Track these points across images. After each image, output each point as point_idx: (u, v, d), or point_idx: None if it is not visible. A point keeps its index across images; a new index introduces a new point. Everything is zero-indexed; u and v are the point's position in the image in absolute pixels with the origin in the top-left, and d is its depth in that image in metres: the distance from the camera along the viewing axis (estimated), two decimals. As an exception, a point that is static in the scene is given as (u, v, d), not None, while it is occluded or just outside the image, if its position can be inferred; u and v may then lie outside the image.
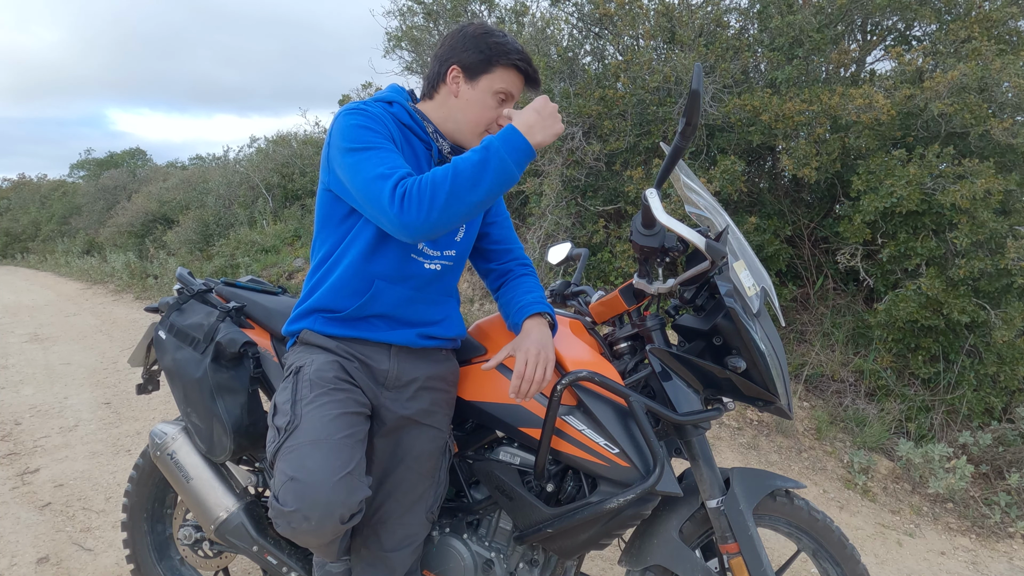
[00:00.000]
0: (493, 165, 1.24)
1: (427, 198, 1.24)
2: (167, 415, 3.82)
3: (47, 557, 2.40)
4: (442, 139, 1.48)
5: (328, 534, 1.28)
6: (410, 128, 1.45)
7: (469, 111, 1.45)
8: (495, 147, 1.25)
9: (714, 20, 4.80)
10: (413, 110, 1.47)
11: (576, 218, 4.98)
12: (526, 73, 1.45)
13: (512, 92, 1.45)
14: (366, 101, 1.44)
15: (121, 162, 25.09)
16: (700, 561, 1.50)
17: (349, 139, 1.34)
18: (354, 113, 1.37)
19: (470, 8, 6.14)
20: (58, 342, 5.97)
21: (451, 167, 1.25)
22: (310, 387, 1.38)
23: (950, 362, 4.15)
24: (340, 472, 1.27)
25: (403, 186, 1.26)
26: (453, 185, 1.24)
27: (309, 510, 1.24)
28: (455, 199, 1.24)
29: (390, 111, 1.44)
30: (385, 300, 1.44)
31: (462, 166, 1.25)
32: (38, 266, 17.03)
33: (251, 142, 14.18)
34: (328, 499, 1.25)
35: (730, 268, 1.39)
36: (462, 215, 1.27)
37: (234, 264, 8.67)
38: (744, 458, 3.53)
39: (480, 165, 1.24)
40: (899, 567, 2.76)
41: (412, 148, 1.44)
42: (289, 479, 1.27)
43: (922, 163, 3.80)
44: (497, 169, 1.24)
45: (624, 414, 1.42)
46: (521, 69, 1.44)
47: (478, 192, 1.25)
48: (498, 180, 1.25)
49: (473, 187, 1.24)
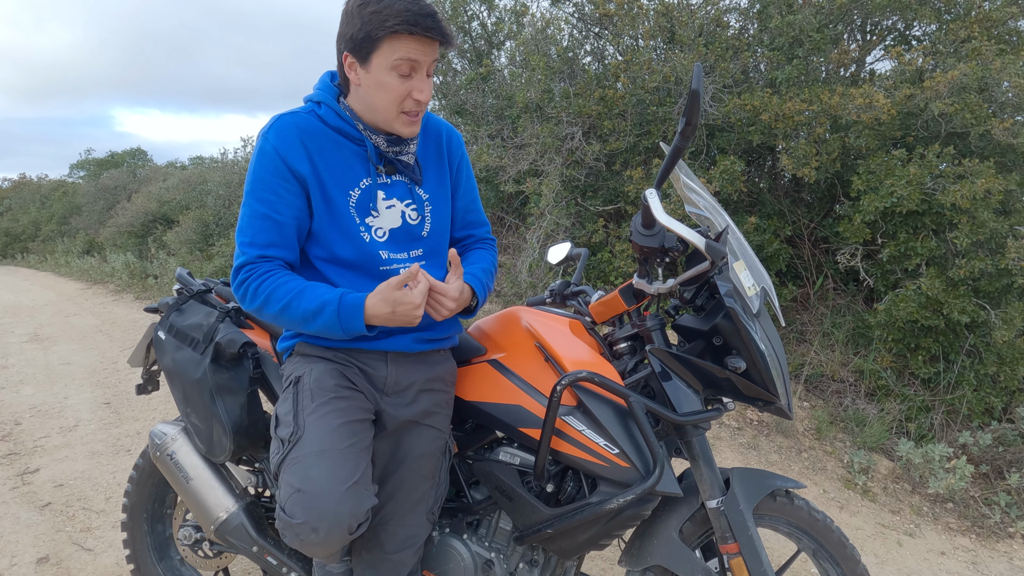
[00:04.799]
0: (324, 320, 1.31)
1: (259, 302, 1.33)
2: (167, 415, 3.81)
3: (47, 557, 2.39)
4: (374, 134, 1.37)
5: (336, 545, 1.27)
6: (339, 130, 1.37)
7: (375, 97, 1.31)
8: (332, 309, 1.30)
9: (714, 20, 4.80)
10: (342, 108, 1.37)
11: (576, 218, 4.98)
12: (416, 32, 1.24)
13: (412, 58, 1.27)
14: (290, 114, 1.36)
15: (121, 162, 25.10)
16: (700, 561, 1.50)
17: (249, 178, 1.36)
18: (259, 151, 1.34)
19: (470, 8, 6.15)
20: (58, 342, 5.97)
21: (293, 295, 1.31)
22: (311, 396, 1.37)
23: (950, 362, 4.15)
24: (347, 482, 1.26)
25: (246, 273, 1.34)
26: (283, 310, 1.32)
27: (317, 522, 1.23)
28: (282, 319, 1.34)
29: (318, 115, 1.37)
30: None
31: (299, 302, 1.31)
32: (38, 266, 17.03)
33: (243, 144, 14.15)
34: (336, 510, 1.24)
35: (730, 268, 1.38)
36: (284, 326, 1.41)
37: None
38: (744, 458, 3.53)
39: (313, 314, 1.31)
40: (899, 567, 2.76)
41: (345, 157, 1.37)
42: (296, 491, 1.26)
43: (922, 163, 3.80)
44: (326, 324, 1.31)
45: (624, 414, 1.42)
46: (407, 31, 1.24)
47: (304, 327, 1.35)
48: (324, 330, 1.33)
49: (300, 323, 1.33)
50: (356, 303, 1.29)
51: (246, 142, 13.51)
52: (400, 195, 1.43)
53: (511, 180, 5.07)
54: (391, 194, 1.42)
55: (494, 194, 5.71)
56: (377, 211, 1.40)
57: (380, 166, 1.40)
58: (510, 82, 5.57)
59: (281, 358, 1.61)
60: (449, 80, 6.11)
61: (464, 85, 5.73)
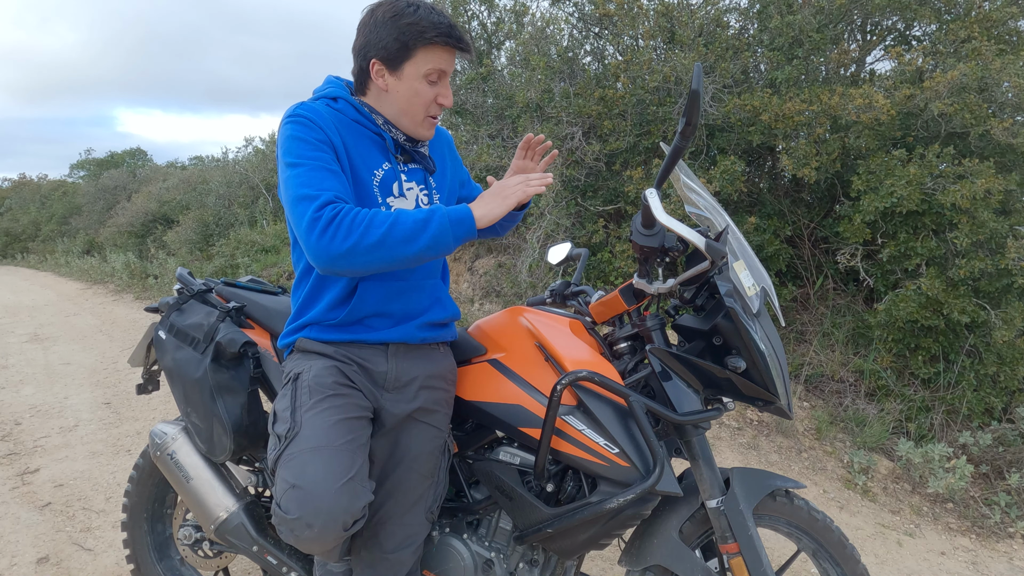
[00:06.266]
0: (433, 231, 1.24)
1: (357, 233, 1.22)
2: (167, 415, 3.82)
3: (47, 557, 2.40)
4: (394, 128, 1.44)
5: (331, 541, 1.28)
6: (360, 123, 1.41)
7: (403, 102, 1.39)
8: (440, 216, 1.25)
9: (714, 20, 4.80)
10: (359, 103, 1.42)
11: (576, 218, 4.98)
12: (451, 44, 1.36)
13: (442, 68, 1.39)
14: (310, 102, 1.40)
15: (121, 162, 25.11)
16: (700, 561, 1.50)
17: (285, 150, 1.32)
18: (294, 121, 1.34)
19: (470, 8, 6.15)
20: (58, 342, 5.97)
21: (394, 216, 1.24)
22: (309, 393, 1.37)
23: (950, 362, 4.15)
24: (342, 478, 1.27)
25: (333, 210, 1.23)
26: (388, 232, 1.22)
27: (312, 517, 1.24)
28: (383, 247, 1.23)
29: (335, 108, 1.40)
30: (372, 299, 1.44)
31: (403, 218, 1.24)
32: (38, 266, 17.03)
33: (246, 143, 14.17)
34: (331, 506, 1.24)
35: (730, 268, 1.38)
36: (381, 264, 1.25)
37: (234, 264, 8.68)
38: (744, 458, 3.53)
39: (422, 224, 1.24)
40: (899, 567, 2.76)
41: (365, 143, 1.41)
42: (291, 487, 1.27)
43: (922, 163, 3.80)
44: (435, 236, 1.24)
45: (624, 414, 1.42)
46: (443, 43, 1.35)
47: (409, 248, 1.24)
48: (433, 246, 1.25)
49: (406, 242, 1.23)
50: (463, 211, 1.28)
51: (248, 142, 13.53)
52: (417, 181, 1.49)
53: (511, 180, 5.06)
54: (410, 178, 1.48)
55: (494, 194, 5.70)
56: (400, 193, 1.45)
57: (398, 155, 1.47)
58: (510, 82, 5.57)
59: (282, 356, 1.61)
60: (449, 80, 6.11)
61: (464, 85, 5.73)
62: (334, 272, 1.27)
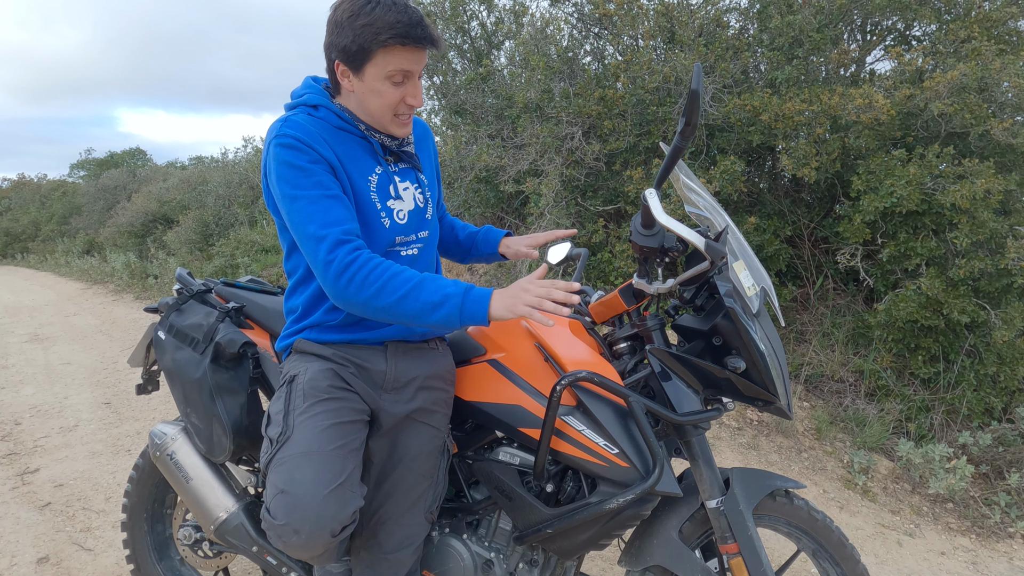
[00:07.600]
0: (444, 312, 1.23)
1: (371, 290, 1.24)
2: (167, 415, 3.81)
3: (47, 557, 2.39)
4: (376, 132, 1.41)
5: (319, 547, 1.27)
6: (344, 129, 1.39)
7: (369, 103, 1.35)
8: (456, 302, 1.23)
9: (714, 20, 4.80)
10: (340, 109, 1.39)
11: (576, 218, 4.98)
12: (409, 44, 1.27)
13: (405, 68, 1.31)
14: (293, 116, 1.37)
15: (121, 162, 25.09)
16: (700, 561, 1.50)
17: (284, 180, 1.30)
18: (283, 145, 1.30)
19: (469, 8, 6.14)
20: (58, 342, 5.97)
21: (411, 286, 1.24)
22: (303, 397, 1.37)
23: (950, 362, 4.15)
24: (330, 485, 1.26)
25: (347, 256, 1.25)
26: (400, 300, 1.24)
27: (299, 524, 1.23)
28: (391, 313, 1.25)
29: (316, 116, 1.37)
30: None
31: (418, 293, 1.23)
32: (38, 266, 17.02)
33: (246, 143, 14.18)
34: (318, 513, 1.24)
35: (730, 268, 1.38)
36: (390, 318, 1.28)
37: (234, 264, 8.67)
38: (744, 458, 3.53)
39: (435, 306, 1.23)
40: (899, 567, 2.76)
41: (355, 149, 1.39)
42: (279, 492, 1.26)
43: (922, 163, 3.80)
44: (446, 315, 1.24)
45: (624, 414, 1.42)
46: (401, 44, 1.26)
47: (413, 321, 1.26)
48: (441, 322, 1.25)
49: (416, 315, 1.24)
50: (483, 294, 1.24)
51: (248, 142, 13.52)
52: (411, 180, 1.50)
53: (511, 180, 5.07)
54: (404, 178, 1.48)
55: (494, 194, 5.70)
56: (398, 195, 1.45)
57: (387, 156, 1.46)
58: (510, 82, 5.56)
59: (281, 357, 1.61)
60: (449, 80, 6.11)
61: (464, 85, 5.72)
62: (344, 308, 1.33)
